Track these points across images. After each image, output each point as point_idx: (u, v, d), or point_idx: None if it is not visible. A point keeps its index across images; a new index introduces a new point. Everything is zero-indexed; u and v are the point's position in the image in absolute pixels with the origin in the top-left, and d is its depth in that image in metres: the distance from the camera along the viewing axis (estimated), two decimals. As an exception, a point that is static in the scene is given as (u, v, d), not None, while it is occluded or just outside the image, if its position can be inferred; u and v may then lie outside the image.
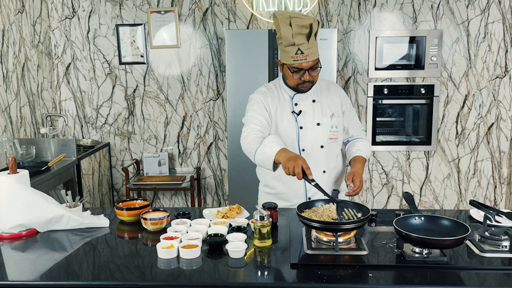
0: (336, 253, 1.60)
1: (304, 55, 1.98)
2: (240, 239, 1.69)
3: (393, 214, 2.00)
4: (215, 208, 2.09)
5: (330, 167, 2.20)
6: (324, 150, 2.17)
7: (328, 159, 2.19)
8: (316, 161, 2.16)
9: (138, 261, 1.60)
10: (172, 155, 4.23)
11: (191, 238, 1.70)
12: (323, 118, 2.17)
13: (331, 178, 2.21)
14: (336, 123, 2.18)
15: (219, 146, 4.19)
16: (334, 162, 2.22)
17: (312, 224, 1.65)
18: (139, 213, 1.96)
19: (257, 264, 1.58)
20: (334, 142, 2.20)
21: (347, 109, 2.25)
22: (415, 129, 4.13)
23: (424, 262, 1.54)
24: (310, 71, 2.04)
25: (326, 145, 2.17)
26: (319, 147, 2.16)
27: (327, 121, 2.17)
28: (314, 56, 2.01)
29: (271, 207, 1.91)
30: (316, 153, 2.16)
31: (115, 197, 4.33)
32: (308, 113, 2.16)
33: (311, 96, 2.18)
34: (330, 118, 2.17)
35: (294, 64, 2.01)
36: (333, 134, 2.18)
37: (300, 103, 2.17)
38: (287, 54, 2.01)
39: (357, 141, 2.29)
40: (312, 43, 1.99)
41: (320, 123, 2.16)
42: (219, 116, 4.13)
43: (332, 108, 2.19)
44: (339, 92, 2.25)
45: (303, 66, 2.01)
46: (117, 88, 4.13)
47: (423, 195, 4.18)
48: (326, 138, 2.17)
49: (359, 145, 2.27)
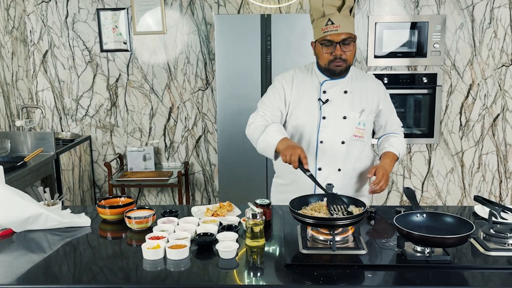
0: (333, 252, 1.61)
1: (334, 26, 1.96)
2: (231, 239, 1.69)
3: (393, 211, 2.01)
4: (204, 206, 2.08)
5: (348, 167, 2.15)
6: (345, 147, 2.13)
7: (348, 158, 2.14)
8: (333, 157, 2.12)
9: (122, 262, 1.60)
10: (158, 149, 4.22)
11: (178, 237, 1.69)
12: (351, 112, 2.12)
13: (346, 179, 2.17)
14: (365, 120, 2.14)
15: (208, 139, 4.18)
16: (354, 163, 2.17)
17: (306, 220, 1.65)
18: (123, 211, 1.96)
19: (249, 265, 1.58)
20: (359, 140, 2.15)
21: (385, 108, 2.20)
22: (417, 120, 4.15)
23: (426, 262, 1.55)
24: (342, 46, 2.01)
25: (348, 142, 2.13)
26: (339, 142, 2.12)
27: (354, 116, 2.13)
28: (346, 28, 1.98)
29: (264, 204, 1.91)
30: (335, 149, 2.12)
31: (97, 195, 4.31)
32: (336, 104, 2.12)
33: (344, 86, 2.14)
34: (359, 114, 2.13)
35: (325, 36, 1.98)
36: (358, 132, 2.14)
37: (329, 91, 2.13)
38: (318, 28, 2.01)
39: (391, 136, 2.25)
40: (345, 15, 1.98)
41: (347, 117, 2.12)
42: (208, 107, 4.12)
43: (364, 103, 2.14)
44: (377, 88, 2.20)
45: (334, 38, 1.98)
46: (98, 77, 4.10)
47: (425, 190, 4.21)
48: (350, 135, 2.13)
49: (392, 140, 2.22)
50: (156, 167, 4.16)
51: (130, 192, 4.32)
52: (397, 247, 1.65)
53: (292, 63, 3.44)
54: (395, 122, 2.28)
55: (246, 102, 3.55)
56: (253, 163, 3.60)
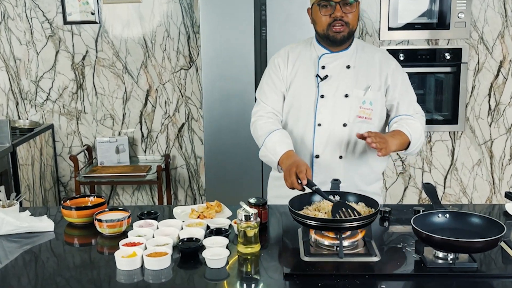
0: (340, 260, 1.61)
1: None
2: (220, 245, 1.69)
3: (410, 211, 2.02)
4: (188, 206, 2.09)
5: (352, 154, 2.16)
6: (347, 130, 2.13)
7: (351, 144, 2.15)
8: (333, 142, 2.14)
9: (93, 273, 1.60)
10: (133, 140, 4.21)
11: (158, 244, 1.70)
12: (355, 90, 2.14)
13: (351, 169, 2.18)
14: (371, 98, 2.14)
15: (193, 127, 4.17)
16: (359, 150, 2.17)
17: (308, 222, 1.66)
18: (92, 213, 1.95)
19: (241, 275, 1.58)
20: (365, 123, 2.15)
21: (394, 84, 2.18)
22: (438, 104, 4.16)
23: (449, 270, 1.56)
24: (343, 6, 2.03)
25: (352, 125, 2.14)
26: (340, 124, 2.13)
27: (358, 94, 2.13)
28: None
29: (259, 203, 1.91)
30: (336, 132, 2.14)
31: (61, 194, 4.30)
32: (336, 80, 2.14)
33: (346, 60, 2.16)
34: (364, 91, 2.13)
35: None
36: (363, 112, 2.14)
37: (328, 66, 2.15)
38: None
39: (405, 119, 2.17)
40: None
41: (349, 95, 2.13)
42: (192, 90, 4.11)
43: (370, 79, 2.15)
44: (387, 62, 2.20)
45: None
46: (61, 54, 4.07)
47: (447, 186, 4.23)
48: (353, 116, 2.13)
49: (405, 121, 2.16)
50: (132, 160, 4.15)
51: (101, 191, 4.31)
52: (415, 253, 1.65)
53: (290, 37, 3.43)
54: (411, 107, 2.23)
55: (237, 83, 3.54)
56: (245, 155, 3.60)
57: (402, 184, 4.24)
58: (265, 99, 2.24)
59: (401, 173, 4.23)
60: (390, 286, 1.50)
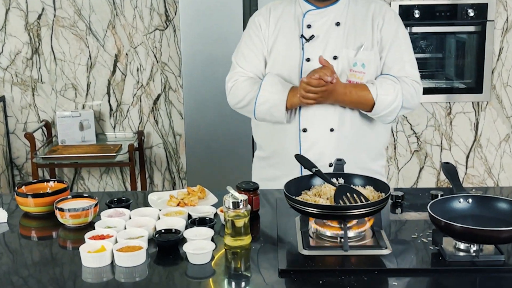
0: (345, 253, 1.62)
1: None
2: (204, 237, 1.69)
3: (427, 195, 2.03)
4: (166, 192, 2.09)
5: (344, 127, 2.19)
6: None
7: (343, 114, 2.17)
8: (322, 112, 2.16)
9: (54, 271, 1.60)
10: (100, 114, 4.19)
11: (131, 236, 1.70)
12: (345, 50, 2.16)
13: (344, 144, 2.20)
14: (364, 59, 2.16)
15: (170, 99, 4.16)
16: (353, 121, 2.20)
17: (307, 209, 1.66)
18: (53, 201, 1.94)
19: (229, 272, 1.59)
20: None
21: (387, 37, 2.19)
22: (459, 70, 4.16)
23: (472, 264, 1.57)
24: None
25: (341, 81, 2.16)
26: None
27: (349, 55, 2.16)
28: None
29: (250, 188, 1.92)
30: None
31: (15, 178, 4.29)
32: (323, 40, 2.16)
33: (335, 16, 2.17)
34: (355, 51, 2.16)
35: None
36: (355, 76, 2.16)
37: (314, 25, 2.17)
38: None
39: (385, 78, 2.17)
40: None
41: (338, 57, 2.16)
42: (169, 55, 4.09)
43: (362, 36, 2.17)
44: (380, 11, 2.20)
45: None
46: (13, 13, 4.03)
47: (470, 166, 4.25)
48: (343, 80, 2.16)
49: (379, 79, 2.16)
50: (99, 139, 4.14)
51: (63, 175, 4.31)
52: (432, 244, 1.67)
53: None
54: (402, 69, 2.19)
55: (222, 46, 3.51)
56: (233, 131, 3.60)
57: (417, 164, 4.26)
58: (244, 63, 2.25)
59: (416, 151, 4.24)
60: (403, 283, 1.51)
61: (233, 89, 2.25)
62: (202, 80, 3.59)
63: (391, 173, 4.27)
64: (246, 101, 2.22)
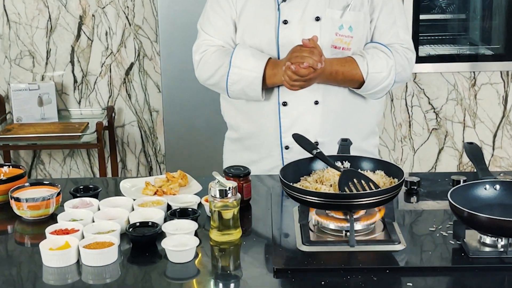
0: (351, 249, 1.63)
1: None
2: (186, 231, 1.70)
3: (447, 181, 2.04)
4: (142, 178, 2.09)
5: (330, 97, 2.21)
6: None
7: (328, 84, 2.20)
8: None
9: (10, 271, 1.60)
10: (62, 87, 4.18)
11: (100, 231, 1.70)
12: (328, 10, 2.17)
13: (330, 118, 2.23)
14: (351, 21, 2.18)
15: (145, 69, 4.14)
16: (340, 92, 2.23)
17: (307, 198, 1.67)
18: (8, 189, 1.95)
19: (216, 272, 1.60)
20: (343, 54, 2.20)
21: (386, 3, 2.22)
22: (486, 34, 4.15)
23: (499, 261, 1.58)
24: None
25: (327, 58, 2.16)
26: None
27: (334, 16, 2.17)
28: None
29: (239, 174, 1.92)
30: None
31: (-37, 163, 4.28)
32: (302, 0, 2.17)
33: None
34: (341, 12, 2.17)
35: None
36: (340, 41, 2.18)
37: None
38: None
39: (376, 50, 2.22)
40: None
41: (321, 18, 2.17)
42: (144, 16, 4.07)
43: None
44: None
45: None
46: (-43, -34, 4.00)
47: (497, 147, 4.27)
48: (327, 46, 2.18)
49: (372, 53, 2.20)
50: (61, 116, 4.13)
51: (19, 158, 4.31)
52: (453, 239, 1.67)
53: None
54: (394, 35, 2.25)
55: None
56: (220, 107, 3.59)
57: (436, 144, 4.27)
58: (210, 29, 2.26)
59: (435, 129, 4.25)
60: (419, 283, 1.52)
61: (201, 62, 2.26)
62: (182, 46, 3.57)
63: (405, 155, 4.28)
64: (217, 78, 2.24)
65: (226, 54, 2.21)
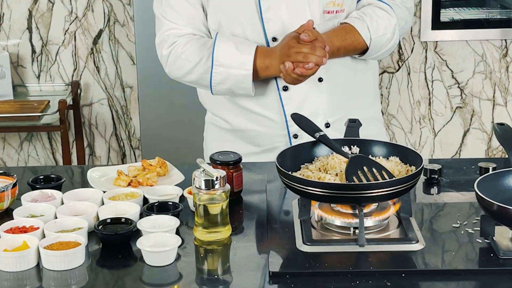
0: (360, 249, 1.64)
1: None
2: (166, 228, 1.70)
3: (474, 169, 2.05)
4: (114, 166, 2.10)
5: (333, 70, 2.24)
6: None
7: None
8: None
9: (-42, 278, 1.61)
10: (18, 59, 4.17)
11: (64, 229, 1.70)
12: None
13: (338, 93, 2.27)
14: None
15: (117, 37, 4.14)
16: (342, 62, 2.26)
17: (309, 190, 1.67)
18: (-45, 180, 1.95)
19: (202, 277, 1.60)
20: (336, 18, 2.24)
21: None
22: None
23: (534, 262, 1.59)
24: None
25: (320, 27, 2.19)
26: None
27: None
28: None
29: (229, 161, 1.93)
30: None
31: None
32: None
33: None
34: None
35: None
36: (333, 4, 2.21)
37: None
38: None
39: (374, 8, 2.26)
40: None
41: None
42: (114, -28, 4.07)
43: None
44: None
45: None
46: None
47: (533, 128, 4.28)
48: (319, 13, 2.20)
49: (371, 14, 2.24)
50: (17, 93, 4.14)
51: (-33, 144, 4.30)
52: (480, 236, 1.68)
53: None
54: None
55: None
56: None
57: (461, 126, 4.28)
58: (175, 16, 2.24)
59: (459, 108, 4.26)
60: (441, 289, 1.54)
61: (171, 58, 2.25)
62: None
63: (424, 138, 4.29)
64: (195, 76, 2.24)
65: (203, 45, 2.21)
